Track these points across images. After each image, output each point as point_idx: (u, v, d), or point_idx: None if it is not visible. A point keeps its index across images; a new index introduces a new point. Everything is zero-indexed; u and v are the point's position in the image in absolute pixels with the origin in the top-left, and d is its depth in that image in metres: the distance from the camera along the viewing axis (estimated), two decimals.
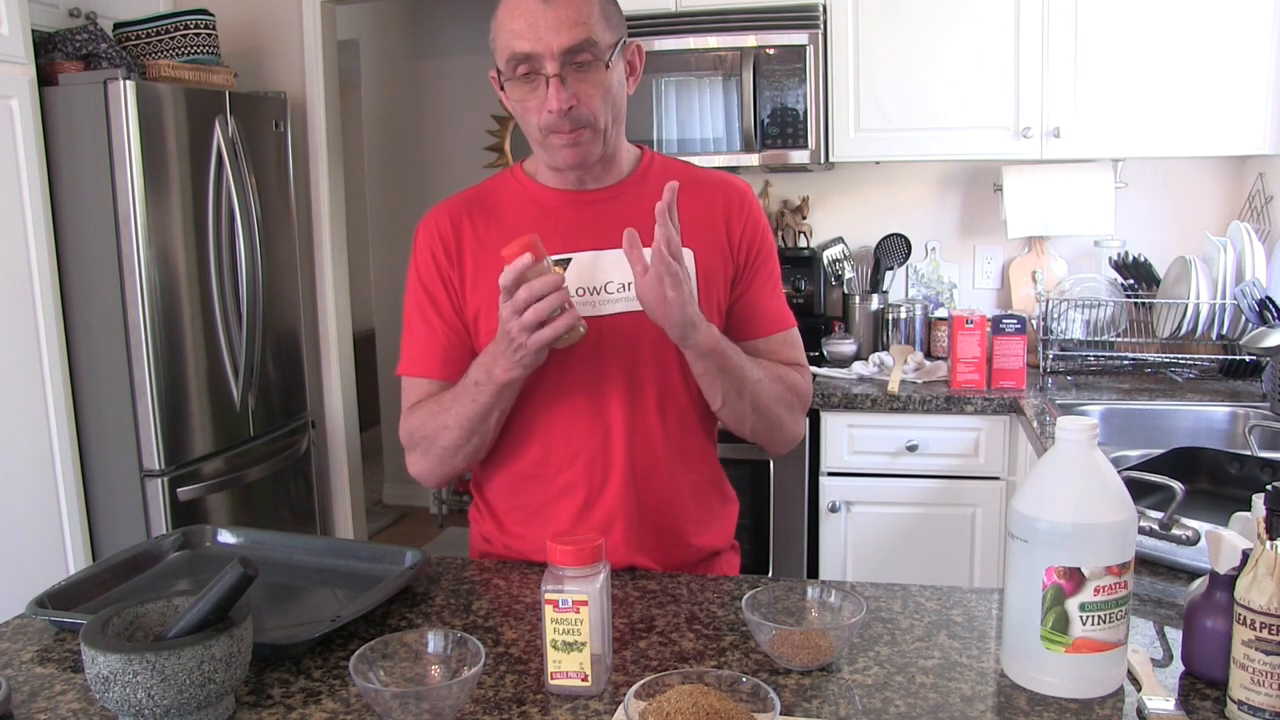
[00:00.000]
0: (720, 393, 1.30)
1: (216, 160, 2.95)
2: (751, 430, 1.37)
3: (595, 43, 1.23)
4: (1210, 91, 2.61)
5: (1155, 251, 2.87)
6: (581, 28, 1.22)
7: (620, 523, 1.33)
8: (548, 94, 1.23)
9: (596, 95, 1.25)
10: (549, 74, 1.22)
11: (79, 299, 2.74)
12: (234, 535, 1.43)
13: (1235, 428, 2.33)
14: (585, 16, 1.22)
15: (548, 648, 0.99)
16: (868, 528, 2.65)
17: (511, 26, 1.22)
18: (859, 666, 1.05)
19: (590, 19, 1.23)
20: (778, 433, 1.39)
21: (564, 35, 1.21)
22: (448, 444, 1.30)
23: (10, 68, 2.53)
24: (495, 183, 1.42)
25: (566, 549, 0.98)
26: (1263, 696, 0.90)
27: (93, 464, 2.80)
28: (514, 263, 1.13)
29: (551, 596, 0.98)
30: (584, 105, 1.24)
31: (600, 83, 1.25)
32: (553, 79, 1.22)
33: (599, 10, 1.24)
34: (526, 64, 1.23)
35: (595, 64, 1.24)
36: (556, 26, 1.20)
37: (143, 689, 0.89)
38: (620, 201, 1.35)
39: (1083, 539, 0.94)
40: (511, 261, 1.13)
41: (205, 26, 3.07)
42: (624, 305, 1.31)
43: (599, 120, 1.27)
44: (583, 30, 1.22)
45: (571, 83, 1.23)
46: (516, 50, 1.22)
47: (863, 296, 3.06)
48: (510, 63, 1.24)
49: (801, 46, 2.75)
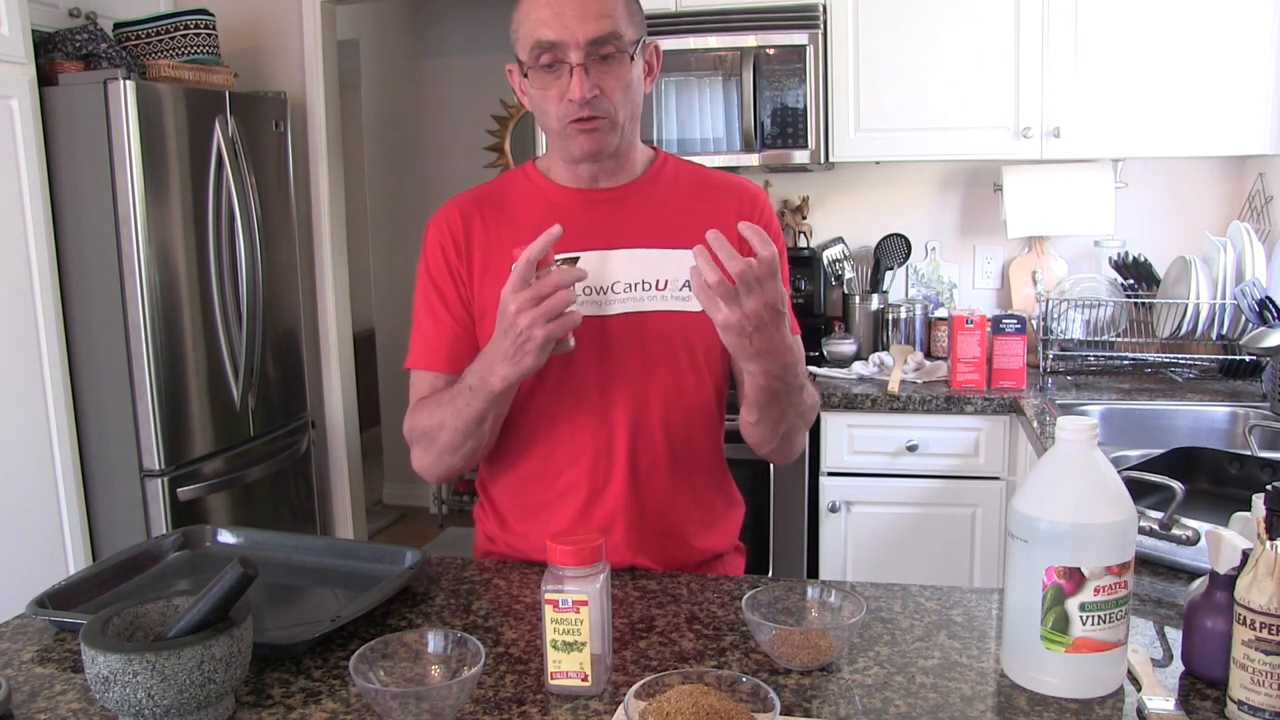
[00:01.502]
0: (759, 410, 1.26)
1: (216, 160, 2.95)
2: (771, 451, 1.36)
3: (620, 35, 1.23)
4: (1210, 91, 2.61)
5: (1155, 251, 2.87)
6: (607, 19, 1.22)
7: (621, 523, 1.33)
8: (570, 82, 1.23)
9: (618, 89, 1.26)
10: (573, 63, 1.22)
11: (79, 299, 2.74)
12: (234, 535, 1.43)
13: (1235, 428, 2.33)
14: (611, 9, 1.23)
15: (548, 648, 0.99)
16: (868, 528, 2.65)
17: (537, 15, 1.22)
18: (859, 666, 1.05)
19: (616, 12, 1.23)
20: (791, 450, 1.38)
21: (589, 25, 1.21)
22: (444, 443, 1.30)
23: (10, 68, 2.53)
24: (506, 180, 1.42)
25: (567, 549, 0.97)
26: (1263, 696, 0.90)
27: (93, 464, 2.80)
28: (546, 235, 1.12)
29: (551, 596, 0.98)
30: (605, 96, 1.25)
31: (622, 76, 1.25)
32: (576, 68, 1.22)
33: (624, 5, 1.25)
34: (550, 53, 1.23)
35: (619, 56, 1.24)
36: (583, 16, 1.21)
37: (143, 689, 0.89)
38: (632, 202, 1.35)
39: (1083, 539, 0.94)
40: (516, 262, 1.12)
41: (205, 26, 3.07)
42: (631, 306, 1.31)
43: (618, 113, 1.27)
44: (608, 22, 1.22)
45: (594, 73, 1.23)
46: (541, 38, 1.22)
47: (863, 296, 3.06)
48: (534, 51, 1.23)
49: (801, 46, 2.75)
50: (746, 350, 1.13)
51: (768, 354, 1.14)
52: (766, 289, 1.08)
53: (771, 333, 1.12)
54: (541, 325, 1.12)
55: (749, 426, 1.31)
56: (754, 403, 1.25)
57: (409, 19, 4.64)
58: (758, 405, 1.25)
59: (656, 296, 1.31)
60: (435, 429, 1.30)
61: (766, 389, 1.21)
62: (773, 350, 1.14)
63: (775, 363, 1.16)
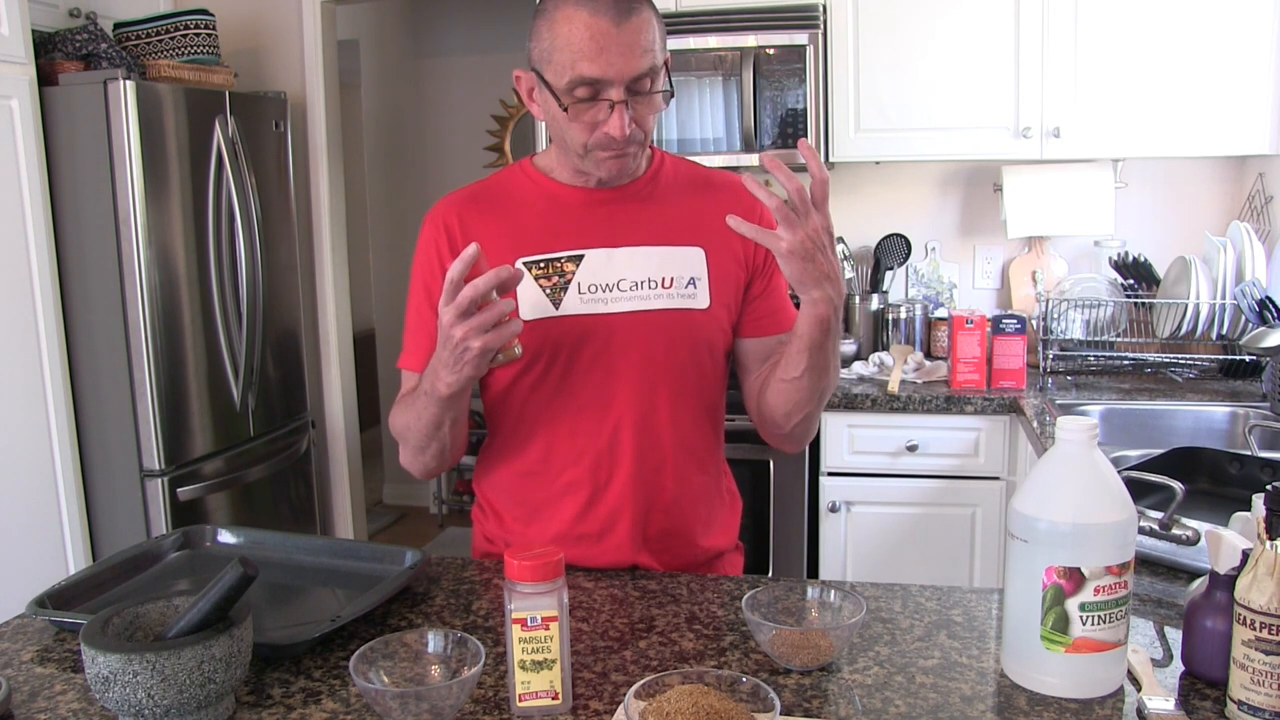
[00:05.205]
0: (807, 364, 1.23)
1: (216, 160, 2.95)
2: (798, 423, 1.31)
3: (658, 69, 1.22)
4: (1210, 91, 2.61)
5: (1155, 251, 2.87)
6: (648, 55, 1.20)
7: (625, 521, 1.33)
8: (610, 118, 1.21)
9: (651, 117, 1.26)
10: (615, 100, 1.20)
11: (79, 299, 2.74)
12: (234, 535, 1.43)
13: (1235, 428, 2.33)
14: (651, 43, 1.21)
15: (515, 669, 0.96)
16: (868, 528, 2.65)
17: (578, 45, 1.18)
18: (859, 666, 1.05)
19: (654, 44, 1.22)
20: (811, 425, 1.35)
21: (634, 62, 1.19)
22: (414, 443, 1.31)
23: (10, 68, 2.53)
24: (503, 177, 1.41)
25: (532, 564, 0.94)
26: (1263, 696, 0.90)
27: (93, 464, 2.80)
28: (461, 258, 1.07)
29: (520, 615, 0.95)
30: (639, 126, 1.24)
31: (655, 104, 1.25)
32: (618, 105, 1.20)
33: (658, 33, 1.23)
34: (590, 88, 1.20)
35: (654, 89, 1.23)
36: (627, 53, 1.18)
37: (143, 689, 0.89)
38: (633, 201, 1.35)
39: (1083, 539, 0.94)
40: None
41: (205, 26, 3.07)
42: (636, 304, 1.31)
43: (648, 138, 1.28)
44: (649, 58, 1.21)
45: (632, 106, 1.22)
46: (584, 74, 1.19)
47: (863, 296, 3.06)
48: (571, 84, 1.20)
49: (801, 46, 2.75)
50: (812, 274, 1.12)
51: (831, 279, 1.14)
52: (822, 210, 1.11)
53: (830, 255, 1.13)
54: (477, 336, 1.09)
55: (789, 385, 1.26)
56: (807, 345, 1.20)
57: (409, 19, 4.64)
58: (810, 347, 1.20)
59: (663, 294, 1.31)
60: (404, 429, 1.32)
61: (824, 321, 1.17)
62: (835, 274, 1.14)
63: (836, 288, 1.15)
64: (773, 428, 1.35)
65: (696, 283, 1.33)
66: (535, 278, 1.30)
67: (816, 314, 1.17)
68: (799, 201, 1.09)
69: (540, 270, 1.30)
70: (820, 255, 1.11)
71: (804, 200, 1.09)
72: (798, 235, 1.09)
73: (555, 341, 1.29)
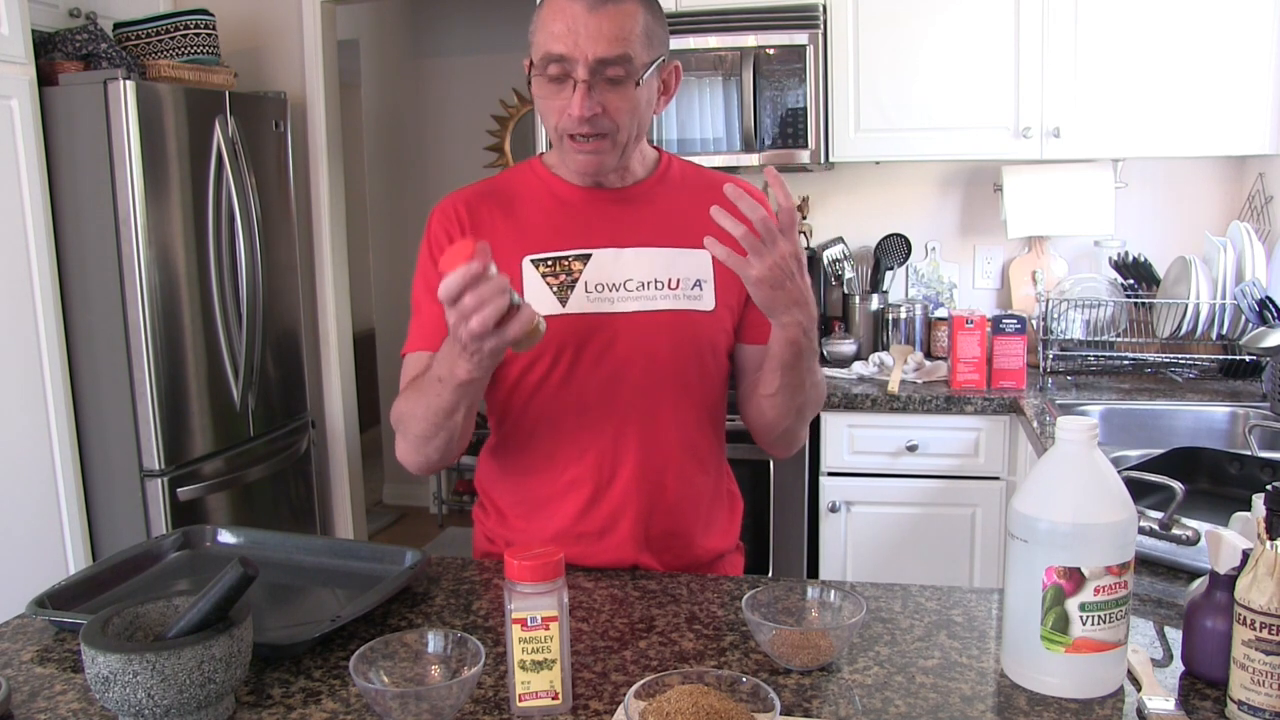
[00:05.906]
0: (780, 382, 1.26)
1: (216, 160, 2.95)
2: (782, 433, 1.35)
3: (630, 59, 1.22)
4: (1210, 91, 2.61)
5: (1155, 251, 2.87)
6: (620, 43, 1.21)
7: (627, 520, 1.33)
8: (573, 98, 1.22)
9: (623, 110, 1.25)
10: (578, 79, 1.21)
11: (79, 299, 2.74)
12: (234, 535, 1.43)
13: (1235, 428, 2.33)
14: (627, 33, 1.21)
15: (515, 669, 0.96)
16: (868, 528, 2.65)
17: (551, 27, 1.22)
18: (859, 666, 1.05)
19: (631, 36, 1.22)
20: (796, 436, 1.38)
21: (600, 46, 1.20)
22: (418, 432, 1.27)
23: (10, 68, 2.53)
24: (513, 176, 1.41)
25: (532, 564, 0.94)
26: (1263, 696, 0.90)
27: (93, 464, 2.80)
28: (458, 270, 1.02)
29: (520, 615, 0.95)
30: (608, 116, 1.24)
31: (628, 98, 1.24)
32: (580, 84, 1.21)
33: (642, 29, 1.23)
34: (558, 65, 1.22)
35: (626, 80, 1.23)
36: (595, 36, 1.20)
37: (143, 689, 0.89)
38: (640, 201, 1.35)
39: (1083, 539, 0.94)
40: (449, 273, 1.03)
41: (205, 26, 3.07)
42: (642, 304, 1.31)
43: (621, 133, 1.27)
44: (620, 45, 1.21)
45: (599, 91, 1.22)
46: (551, 51, 1.22)
47: (863, 296, 3.06)
48: (543, 61, 1.23)
49: (801, 46, 2.75)
50: (781, 300, 1.15)
51: (801, 303, 1.16)
52: (790, 237, 1.12)
53: (799, 281, 1.15)
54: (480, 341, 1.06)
55: (766, 401, 1.30)
56: (779, 364, 1.24)
57: (409, 19, 4.64)
58: (782, 367, 1.24)
59: (669, 295, 1.32)
60: (408, 417, 1.28)
61: (796, 344, 1.20)
62: (804, 299, 1.17)
63: (806, 312, 1.18)
64: (759, 434, 1.39)
65: (703, 285, 1.33)
66: (543, 275, 1.30)
67: (788, 337, 1.20)
68: (764, 230, 1.10)
69: (548, 268, 1.30)
70: (789, 282, 1.14)
71: (769, 229, 1.11)
72: (766, 263, 1.11)
73: (561, 339, 1.29)
